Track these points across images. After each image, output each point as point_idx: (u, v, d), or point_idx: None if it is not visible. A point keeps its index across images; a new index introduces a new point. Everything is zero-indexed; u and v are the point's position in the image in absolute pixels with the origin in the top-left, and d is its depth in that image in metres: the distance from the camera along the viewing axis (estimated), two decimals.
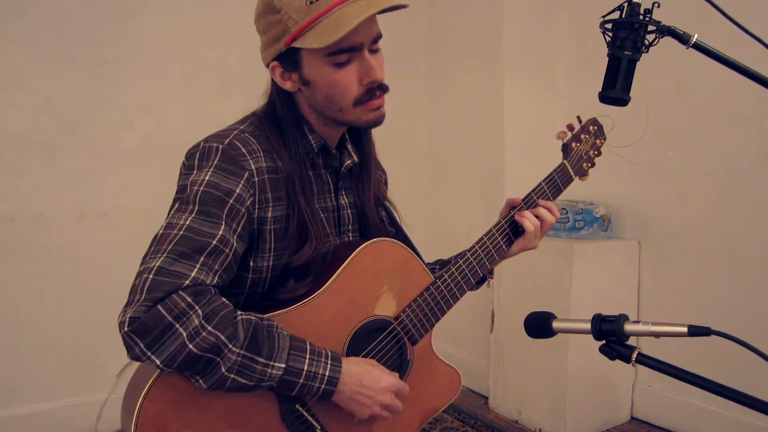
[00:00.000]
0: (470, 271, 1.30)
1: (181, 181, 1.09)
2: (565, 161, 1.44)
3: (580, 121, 1.49)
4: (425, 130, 3.58)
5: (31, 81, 2.56)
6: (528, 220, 1.33)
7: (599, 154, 1.51)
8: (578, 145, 1.46)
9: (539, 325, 1.03)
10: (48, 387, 2.63)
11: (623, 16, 1.06)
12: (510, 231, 1.36)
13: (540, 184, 1.39)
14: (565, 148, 1.45)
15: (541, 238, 1.38)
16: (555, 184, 1.40)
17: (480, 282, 1.39)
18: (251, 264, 1.12)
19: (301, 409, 1.08)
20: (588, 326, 0.96)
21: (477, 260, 1.31)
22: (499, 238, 1.34)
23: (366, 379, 1.08)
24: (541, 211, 1.36)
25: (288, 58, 1.10)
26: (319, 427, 1.10)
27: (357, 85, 1.11)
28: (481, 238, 1.33)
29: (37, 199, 2.59)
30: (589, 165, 1.50)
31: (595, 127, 1.50)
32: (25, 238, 2.57)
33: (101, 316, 2.23)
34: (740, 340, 0.87)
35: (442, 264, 1.43)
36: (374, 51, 1.12)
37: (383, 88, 1.14)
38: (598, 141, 1.51)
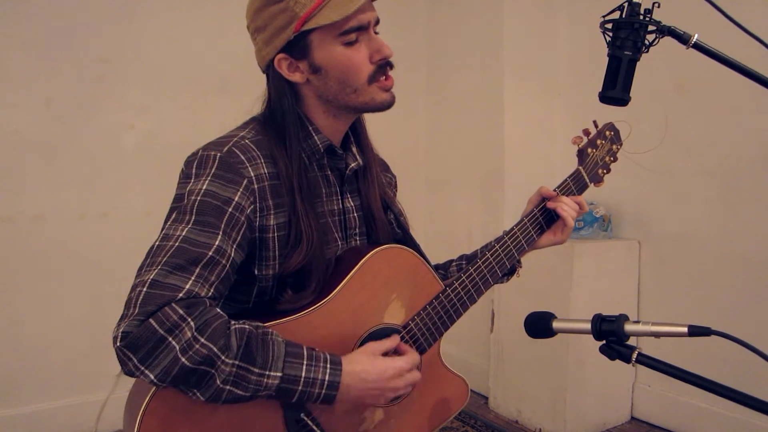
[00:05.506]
0: (498, 264, 1.30)
1: (178, 189, 1.07)
2: (580, 167, 1.41)
3: (596, 126, 1.45)
4: (425, 130, 3.58)
5: (31, 81, 2.56)
6: (565, 205, 1.34)
7: (615, 159, 1.48)
8: (594, 151, 1.43)
9: (539, 325, 1.03)
10: (48, 387, 2.63)
11: (623, 16, 1.06)
12: (543, 220, 1.36)
13: (554, 191, 1.37)
14: (581, 154, 1.42)
15: (568, 234, 1.38)
16: (570, 191, 1.38)
17: (509, 273, 1.39)
18: (256, 272, 1.10)
19: (306, 418, 1.07)
20: (588, 326, 0.96)
21: (506, 252, 1.31)
22: (531, 228, 1.34)
23: (370, 374, 1.06)
24: (579, 199, 1.38)
25: (296, 46, 1.10)
26: None
27: (368, 63, 1.12)
28: (512, 228, 1.33)
29: (37, 199, 2.59)
30: (605, 171, 1.46)
31: (612, 133, 1.46)
32: (25, 238, 2.57)
33: (101, 316, 2.22)
34: (740, 340, 0.87)
35: (467, 259, 1.42)
36: (376, 33, 1.14)
37: (391, 65, 1.15)
38: (614, 146, 1.47)
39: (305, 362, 1.00)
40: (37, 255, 2.60)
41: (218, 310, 0.97)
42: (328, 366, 1.02)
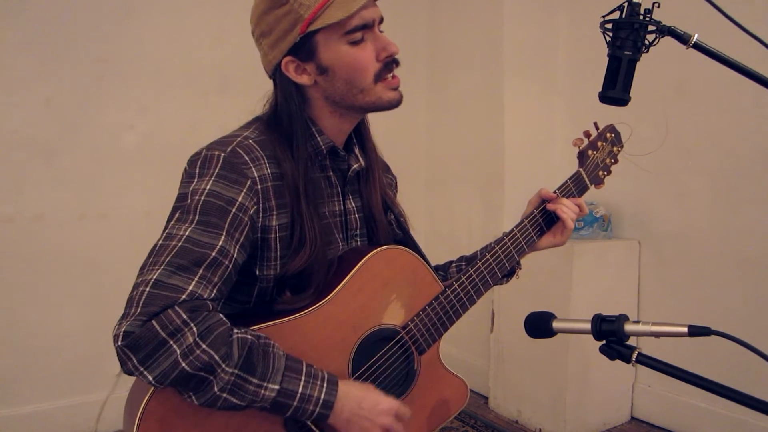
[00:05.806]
0: (498, 265, 1.30)
1: (181, 189, 1.07)
2: (580, 169, 1.41)
3: (597, 128, 1.45)
4: (425, 130, 3.58)
5: (31, 81, 2.56)
6: (565, 207, 1.33)
7: (616, 161, 1.47)
8: (594, 153, 1.43)
9: (539, 325, 1.03)
10: (48, 387, 2.63)
11: (623, 16, 1.06)
12: (542, 222, 1.36)
13: (554, 193, 1.37)
14: (581, 156, 1.42)
15: (568, 236, 1.38)
16: (570, 193, 1.38)
17: (509, 275, 1.39)
18: (257, 273, 1.10)
19: None
20: (588, 326, 0.96)
21: (506, 254, 1.30)
22: (531, 229, 1.34)
23: (365, 402, 1.06)
24: (579, 201, 1.38)
25: (303, 48, 1.09)
26: None
27: (374, 61, 1.11)
28: (512, 230, 1.33)
29: (37, 199, 2.59)
30: (606, 173, 1.46)
31: (613, 135, 1.46)
32: (25, 238, 2.57)
33: (101, 316, 2.22)
34: (740, 340, 0.87)
35: (467, 260, 1.42)
36: (381, 31, 1.14)
37: (397, 63, 1.15)
38: (615, 149, 1.47)
39: (303, 378, 1.01)
40: (36, 255, 2.60)
41: (221, 315, 0.98)
42: (325, 385, 1.03)
